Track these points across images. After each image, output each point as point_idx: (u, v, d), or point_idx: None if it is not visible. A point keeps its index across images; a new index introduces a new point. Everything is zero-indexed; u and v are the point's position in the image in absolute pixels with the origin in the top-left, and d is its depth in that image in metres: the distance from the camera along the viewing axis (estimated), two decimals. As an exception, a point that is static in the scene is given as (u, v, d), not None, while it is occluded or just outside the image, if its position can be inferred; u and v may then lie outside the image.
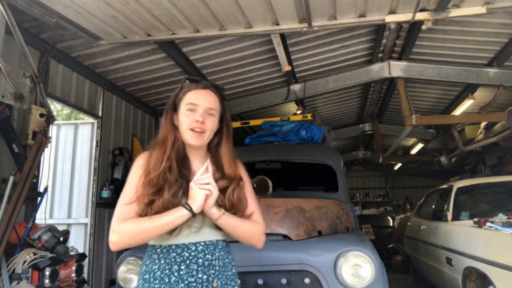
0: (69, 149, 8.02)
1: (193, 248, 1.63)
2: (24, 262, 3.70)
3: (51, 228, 4.12)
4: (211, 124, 1.71)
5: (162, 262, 1.63)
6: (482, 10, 4.30)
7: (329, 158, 4.30)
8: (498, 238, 3.41)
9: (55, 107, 14.96)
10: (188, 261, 1.62)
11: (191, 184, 1.60)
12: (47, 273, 3.70)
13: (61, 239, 4.05)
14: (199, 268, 1.62)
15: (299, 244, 2.76)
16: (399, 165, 15.01)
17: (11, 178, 3.91)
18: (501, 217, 3.96)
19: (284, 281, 2.59)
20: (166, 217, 1.55)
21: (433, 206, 5.61)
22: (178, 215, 1.56)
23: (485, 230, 3.66)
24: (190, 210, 1.56)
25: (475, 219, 3.95)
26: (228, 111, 1.84)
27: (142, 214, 1.59)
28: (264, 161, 4.39)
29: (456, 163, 10.68)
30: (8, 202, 3.85)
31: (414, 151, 12.70)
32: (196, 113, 1.68)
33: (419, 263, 5.72)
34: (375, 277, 2.53)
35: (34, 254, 3.80)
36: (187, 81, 1.79)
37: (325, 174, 4.39)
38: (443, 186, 5.79)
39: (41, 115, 4.46)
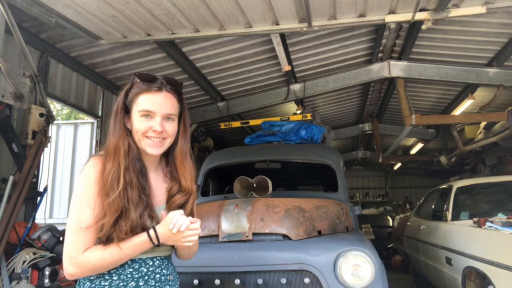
0: (69, 149, 8.05)
1: (150, 263, 1.51)
2: (24, 261, 3.70)
3: (51, 228, 4.12)
4: (172, 130, 1.53)
5: (115, 278, 1.45)
6: (482, 10, 4.31)
7: (329, 158, 4.30)
8: (498, 238, 3.42)
9: (54, 106, 14.96)
10: (146, 277, 1.49)
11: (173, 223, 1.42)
12: (47, 272, 3.69)
13: (61, 238, 4.05)
14: (157, 284, 1.50)
15: (298, 244, 2.76)
16: (398, 165, 15.01)
17: (11, 178, 3.91)
18: (501, 217, 3.96)
19: (283, 281, 2.58)
20: (131, 250, 1.42)
21: (433, 206, 5.61)
22: (143, 247, 1.44)
23: (485, 230, 3.66)
24: (157, 245, 1.45)
25: (475, 219, 3.95)
26: (186, 109, 1.63)
27: (103, 239, 1.43)
28: (264, 161, 4.38)
29: (456, 163, 10.68)
30: (8, 202, 3.85)
31: (413, 151, 12.70)
32: (152, 121, 1.48)
33: (419, 263, 5.72)
34: (374, 277, 2.53)
35: (34, 253, 3.80)
36: (136, 79, 1.51)
37: (325, 174, 4.38)
38: (443, 186, 5.78)
39: (41, 115, 4.46)
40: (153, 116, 1.49)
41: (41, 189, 4.68)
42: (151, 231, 1.43)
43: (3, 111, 4.01)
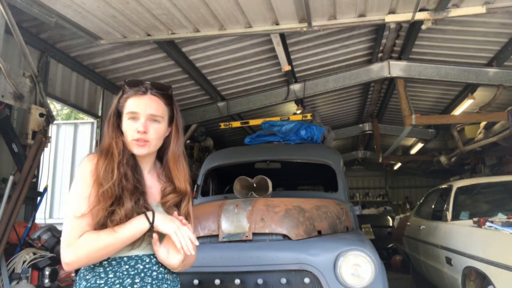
0: (69, 149, 8.05)
1: (147, 260, 1.52)
2: (24, 261, 3.70)
3: (51, 228, 4.12)
4: (156, 132, 1.57)
5: (111, 276, 1.46)
6: (482, 10, 4.31)
7: (329, 158, 4.30)
8: (498, 238, 3.41)
9: (54, 106, 14.95)
10: (142, 274, 1.49)
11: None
12: (47, 272, 3.70)
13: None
14: (153, 282, 1.50)
15: (298, 243, 2.76)
16: (398, 165, 15.01)
17: (11, 178, 3.92)
18: (501, 217, 3.95)
19: (283, 280, 2.58)
20: (126, 230, 1.43)
21: (433, 206, 5.61)
22: (138, 227, 1.45)
23: (485, 230, 3.66)
24: (152, 222, 1.45)
25: (475, 219, 3.95)
26: (178, 112, 1.68)
27: (97, 227, 1.45)
28: (264, 161, 4.38)
29: (456, 163, 10.68)
30: (8, 202, 3.85)
31: (413, 151, 12.70)
32: (137, 122, 1.55)
33: (419, 263, 5.72)
34: (374, 277, 2.53)
35: (34, 253, 3.80)
36: (125, 86, 1.61)
37: (325, 174, 4.38)
38: (443, 186, 5.78)
39: (41, 115, 4.46)
40: (138, 117, 1.56)
41: (41, 189, 4.68)
42: (149, 212, 1.48)
43: (3, 111, 4.02)
